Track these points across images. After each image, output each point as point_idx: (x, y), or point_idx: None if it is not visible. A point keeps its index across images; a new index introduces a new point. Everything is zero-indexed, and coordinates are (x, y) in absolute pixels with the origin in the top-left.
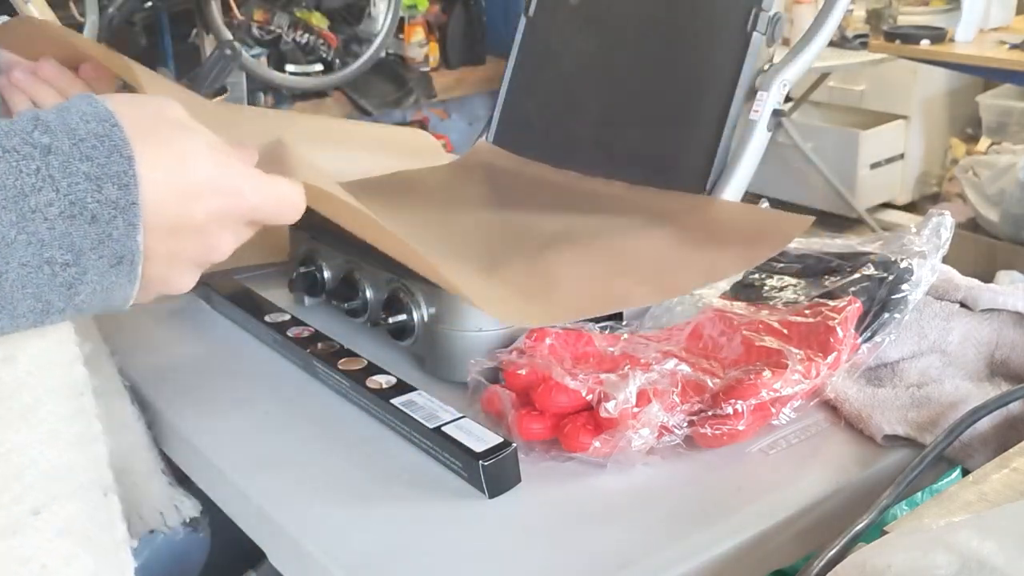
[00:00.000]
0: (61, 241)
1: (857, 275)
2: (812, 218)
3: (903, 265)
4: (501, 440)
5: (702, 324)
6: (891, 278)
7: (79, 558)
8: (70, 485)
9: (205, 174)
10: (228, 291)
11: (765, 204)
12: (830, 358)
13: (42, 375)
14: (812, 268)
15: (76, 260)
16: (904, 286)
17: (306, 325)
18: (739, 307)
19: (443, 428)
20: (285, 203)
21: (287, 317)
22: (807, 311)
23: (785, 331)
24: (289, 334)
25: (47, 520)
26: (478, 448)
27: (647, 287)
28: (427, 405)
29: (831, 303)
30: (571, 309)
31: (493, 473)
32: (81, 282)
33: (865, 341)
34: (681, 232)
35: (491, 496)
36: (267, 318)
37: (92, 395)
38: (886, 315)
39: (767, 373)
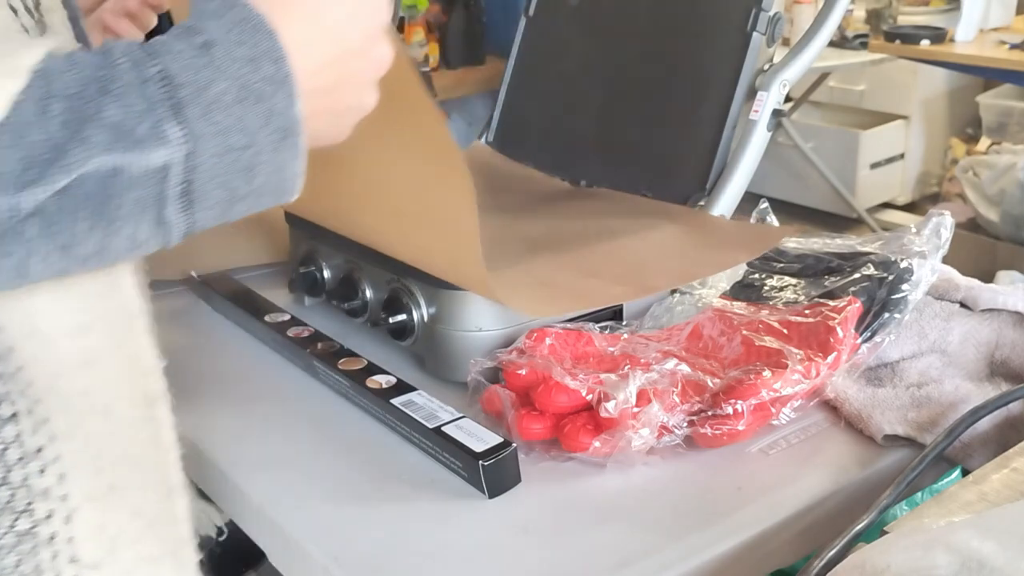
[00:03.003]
0: (238, 125)
1: (857, 275)
2: (794, 228)
3: (903, 265)
4: (501, 440)
5: (702, 324)
6: (891, 278)
7: (145, 542)
8: (140, 477)
9: (336, 18)
10: (228, 291)
11: (765, 204)
12: (830, 358)
13: (119, 381)
14: (812, 268)
15: (251, 141)
16: (904, 286)
17: (306, 325)
18: (739, 307)
19: (443, 428)
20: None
21: (287, 317)
22: (807, 311)
23: (785, 331)
24: (289, 334)
25: (122, 498)
26: (478, 448)
27: (623, 287)
28: (427, 405)
29: (831, 303)
30: (552, 306)
31: (493, 473)
32: (258, 163)
33: (865, 341)
34: (662, 236)
35: (491, 496)
36: (267, 318)
37: (168, 407)
38: (886, 315)
39: (767, 373)
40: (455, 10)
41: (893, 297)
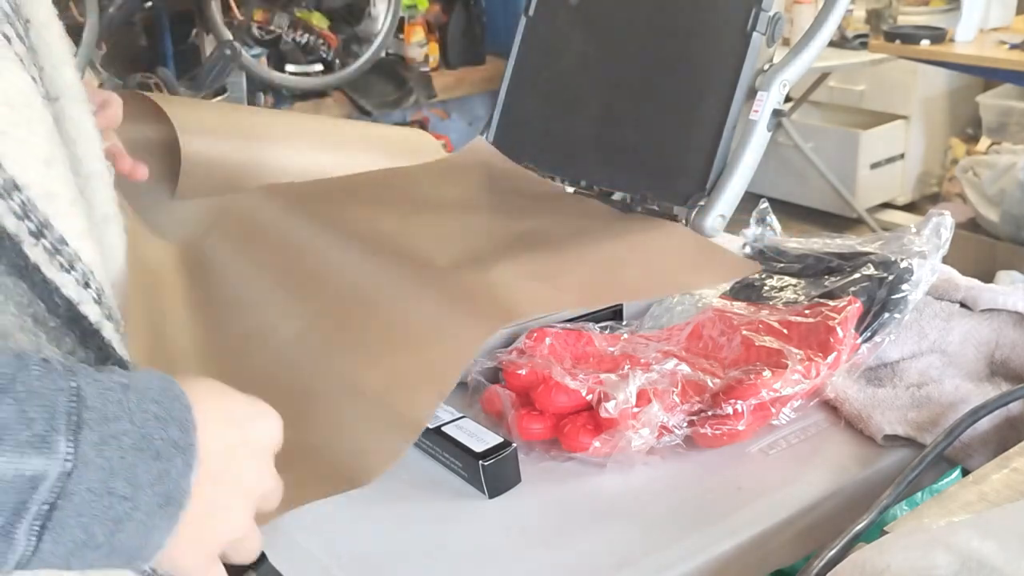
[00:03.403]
0: (126, 472)
1: (857, 275)
2: (758, 266)
3: (903, 265)
4: (501, 440)
5: (702, 324)
6: (891, 278)
7: None
8: None
9: (254, 434)
10: None
11: (765, 204)
12: (830, 358)
13: None
14: (812, 268)
15: (133, 494)
16: (904, 286)
17: None
18: (739, 307)
19: (443, 428)
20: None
21: None
22: (807, 311)
23: (785, 331)
24: None
25: None
26: (478, 448)
27: (572, 296)
28: None
29: (831, 303)
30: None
31: (493, 473)
32: (130, 518)
33: (865, 341)
34: (633, 248)
35: (491, 496)
36: None
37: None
38: (886, 315)
39: (767, 373)
40: (455, 10)
41: (893, 297)
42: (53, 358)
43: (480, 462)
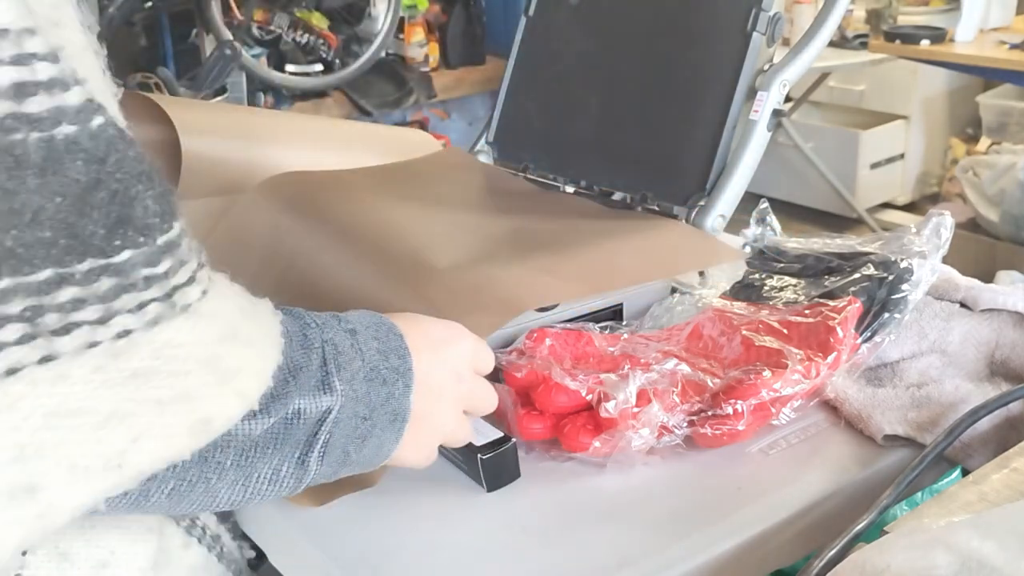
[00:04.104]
0: (365, 398)
1: (857, 275)
2: (746, 254)
3: (903, 265)
4: (501, 435)
5: (702, 324)
6: (891, 278)
7: None
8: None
9: (446, 351)
10: None
11: (765, 204)
12: (830, 358)
13: None
14: (812, 268)
15: (371, 415)
16: (904, 286)
17: None
18: (739, 307)
19: None
20: (491, 398)
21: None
22: (807, 311)
23: (785, 331)
24: None
25: None
26: (477, 442)
27: (572, 285)
28: None
29: (831, 303)
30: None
31: (492, 467)
32: (370, 435)
33: (865, 341)
34: (616, 238)
35: (490, 490)
36: None
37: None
38: (886, 315)
39: (767, 373)
40: (455, 10)
41: (893, 297)
42: (301, 311)
43: (479, 456)
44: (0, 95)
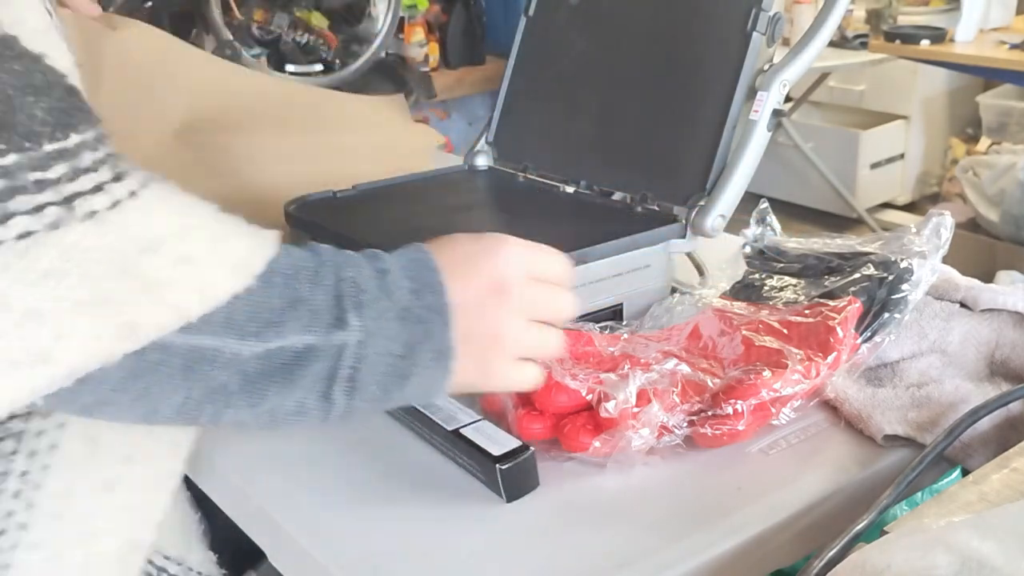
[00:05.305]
0: (399, 337)
1: (857, 275)
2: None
3: (903, 265)
4: (519, 443)
5: (702, 324)
6: (891, 278)
7: None
8: None
9: (491, 277)
10: None
11: (765, 204)
12: (830, 358)
13: None
14: (812, 268)
15: (409, 353)
16: (904, 286)
17: None
18: (739, 307)
19: (461, 431)
20: (557, 304)
21: None
22: (807, 311)
23: (785, 331)
24: None
25: None
26: (495, 451)
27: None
28: (446, 407)
29: (831, 303)
30: None
31: (511, 477)
32: (412, 374)
33: (865, 341)
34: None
35: (509, 500)
36: None
37: None
38: (886, 315)
39: (767, 373)
40: (455, 10)
41: (893, 297)
42: (330, 249)
43: (498, 465)
44: None
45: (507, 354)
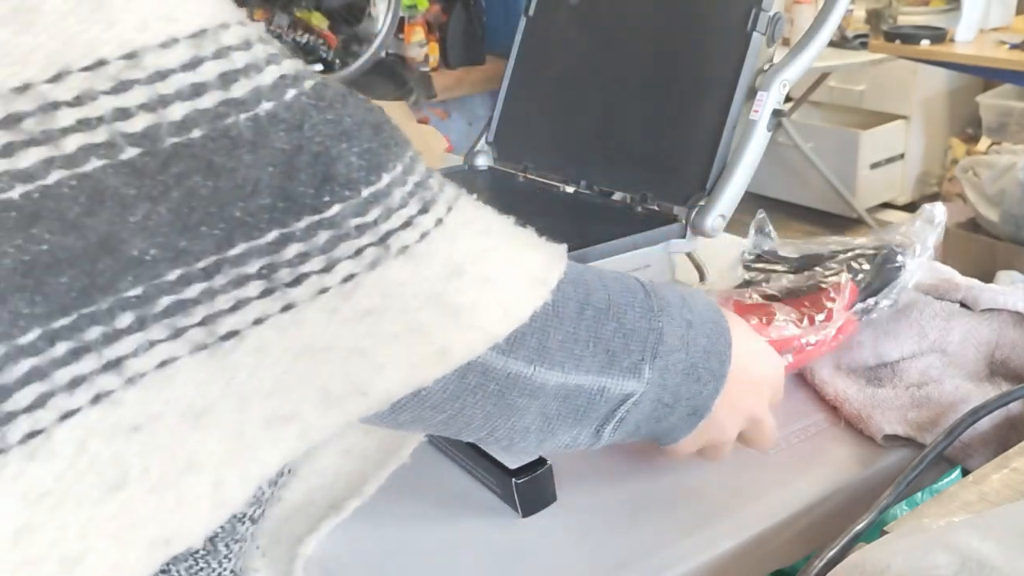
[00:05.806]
0: (674, 389)
1: (849, 254)
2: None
3: (897, 241)
4: (536, 457)
5: None
6: (884, 252)
7: None
8: None
9: (760, 374)
10: None
11: (762, 214)
12: (821, 314)
13: None
14: (808, 262)
15: (673, 403)
16: (898, 258)
17: None
18: (735, 293)
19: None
20: (770, 435)
21: None
22: (804, 289)
23: (779, 295)
24: None
25: None
26: (511, 464)
27: None
28: None
29: (825, 274)
30: None
31: (528, 491)
32: (666, 420)
33: (859, 317)
34: None
35: (525, 515)
36: None
37: None
38: (879, 285)
39: (753, 320)
40: (455, 10)
41: (887, 267)
42: (649, 288)
43: (514, 480)
44: (210, 86)
45: (712, 440)
